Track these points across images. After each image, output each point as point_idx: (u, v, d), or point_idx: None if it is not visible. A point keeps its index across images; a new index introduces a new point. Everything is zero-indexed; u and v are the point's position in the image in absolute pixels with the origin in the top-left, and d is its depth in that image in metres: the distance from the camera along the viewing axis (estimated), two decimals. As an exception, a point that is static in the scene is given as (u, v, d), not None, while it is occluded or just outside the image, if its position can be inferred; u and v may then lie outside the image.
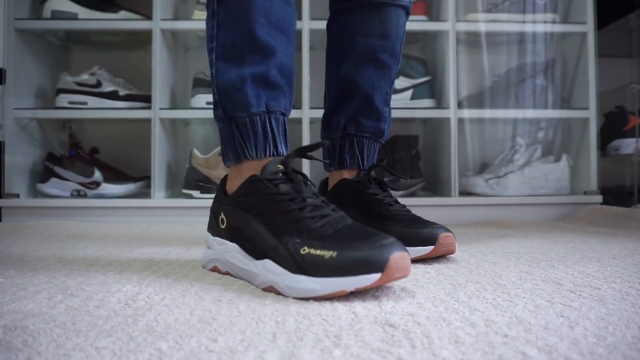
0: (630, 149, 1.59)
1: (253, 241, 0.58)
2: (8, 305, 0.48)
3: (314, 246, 0.51)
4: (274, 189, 0.58)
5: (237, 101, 0.63)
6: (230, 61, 0.63)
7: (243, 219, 0.59)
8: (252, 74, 0.63)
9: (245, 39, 0.62)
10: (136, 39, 1.58)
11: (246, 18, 0.62)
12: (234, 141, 0.63)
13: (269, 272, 0.54)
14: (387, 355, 0.35)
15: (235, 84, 0.63)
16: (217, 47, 0.64)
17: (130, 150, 1.63)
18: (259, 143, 0.63)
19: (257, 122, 0.63)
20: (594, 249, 0.86)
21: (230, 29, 0.63)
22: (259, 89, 0.63)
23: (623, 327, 0.41)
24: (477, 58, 1.59)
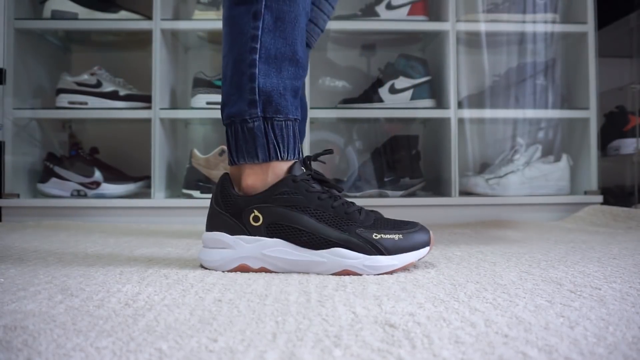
0: (630, 149, 1.59)
1: (310, 234, 0.64)
2: (8, 305, 0.48)
3: (382, 232, 0.65)
4: (315, 187, 0.66)
5: (280, 105, 0.68)
6: (272, 66, 0.68)
7: (289, 215, 0.65)
8: (292, 86, 0.69)
9: (289, 51, 0.68)
10: (136, 39, 1.58)
11: (292, 32, 0.68)
12: (267, 140, 0.67)
13: (344, 258, 0.64)
14: (387, 355, 0.35)
15: (278, 89, 0.68)
16: (262, 49, 0.67)
17: (130, 150, 1.63)
18: (291, 146, 0.68)
19: (291, 126, 0.69)
20: (594, 249, 0.86)
21: (277, 38, 0.67)
22: (294, 98, 0.70)
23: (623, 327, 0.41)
24: (477, 58, 1.59)
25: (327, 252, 0.64)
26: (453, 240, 1.00)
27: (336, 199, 0.67)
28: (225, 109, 0.70)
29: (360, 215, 0.66)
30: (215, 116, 1.48)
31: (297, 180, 0.66)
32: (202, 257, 0.69)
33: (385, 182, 1.50)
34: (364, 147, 1.64)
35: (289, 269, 0.65)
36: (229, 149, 0.70)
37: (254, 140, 0.67)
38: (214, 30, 1.52)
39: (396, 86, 1.50)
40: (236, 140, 0.69)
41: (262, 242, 0.65)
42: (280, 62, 0.68)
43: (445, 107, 1.46)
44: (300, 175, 0.66)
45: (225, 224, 0.67)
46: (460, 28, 1.46)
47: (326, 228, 0.64)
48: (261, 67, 0.67)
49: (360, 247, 0.64)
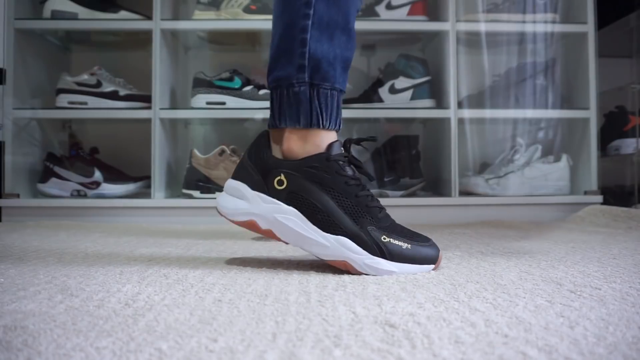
0: (630, 149, 1.59)
1: (325, 214, 0.64)
2: (8, 305, 0.48)
3: (392, 237, 0.64)
4: (346, 171, 0.66)
5: (328, 74, 0.67)
6: (324, 34, 0.67)
7: (312, 190, 0.65)
8: (342, 56, 0.68)
9: (342, 19, 0.67)
10: (136, 39, 1.58)
11: (346, 1, 0.67)
12: (310, 107, 0.67)
13: (347, 249, 0.63)
14: (387, 355, 0.35)
15: (329, 58, 0.67)
16: (315, 15, 0.66)
17: (130, 150, 1.63)
18: (333, 116, 0.68)
19: (336, 96, 0.68)
20: (594, 249, 0.86)
21: (330, 5, 0.67)
22: (343, 69, 0.69)
23: (623, 327, 0.41)
24: (477, 58, 1.59)
25: (334, 238, 0.64)
26: (453, 240, 1.00)
27: (363, 188, 0.66)
28: (272, 73, 0.70)
29: (380, 213, 0.65)
30: (215, 116, 1.48)
31: (331, 160, 0.65)
32: (219, 201, 0.69)
33: (385, 182, 1.50)
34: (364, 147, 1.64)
35: (293, 241, 0.66)
36: (272, 111, 0.70)
37: (298, 105, 0.67)
38: (214, 30, 1.52)
39: (396, 86, 1.50)
40: (280, 103, 0.68)
41: (278, 206, 0.66)
42: (333, 30, 0.67)
43: (445, 107, 1.46)
44: (335, 155, 0.66)
45: (250, 178, 0.68)
46: (460, 28, 1.46)
47: (342, 215, 0.64)
48: (313, 33, 0.66)
49: (367, 244, 0.63)
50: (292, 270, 0.66)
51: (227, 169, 1.41)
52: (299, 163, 0.66)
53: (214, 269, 0.67)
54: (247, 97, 1.45)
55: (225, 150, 1.43)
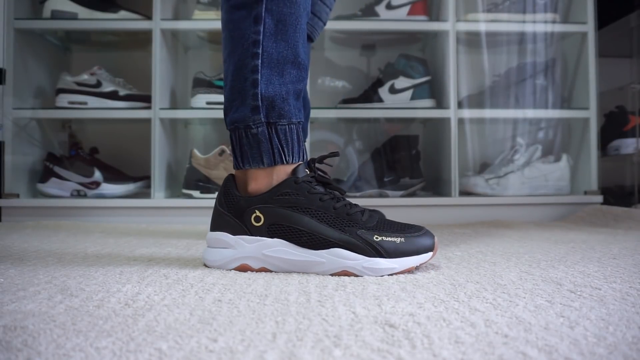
0: (630, 149, 1.59)
1: (310, 234, 0.65)
2: (8, 305, 0.48)
3: (383, 234, 0.64)
4: (317, 189, 0.66)
5: (283, 110, 0.68)
6: (274, 71, 0.67)
7: (290, 216, 0.65)
8: (294, 89, 0.69)
9: (291, 54, 0.68)
10: (136, 39, 1.58)
11: (294, 35, 0.68)
12: (271, 145, 0.68)
13: (343, 258, 0.64)
14: (387, 355, 0.35)
15: (281, 94, 0.68)
16: (264, 54, 0.67)
17: (130, 150, 1.63)
18: (295, 149, 0.69)
19: (294, 130, 0.69)
20: (594, 249, 0.86)
21: (278, 41, 0.67)
22: (297, 101, 0.70)
23: (623, 327, 0.41)
24: (477, 58, 1.59)
25: (326, 252, 0.64)
26: (453, 240, 1.00)
27: (338, 200, 0.67)
28: (228, 114, 0.70)
29: (363, 216, 0.66)
30: (215, 116, 1.48)
31: (299, 182, 0.66)
32: (205, 256, 0.70)
33: (385, 182, 1.50)
34: (364, 147, 1.64)
35: (289, 269, 0.66)
36: (234, 153, 0.70)
37: (259, 146, 0.68)
38: (213, 30, 1.52)
39: (396, 86, 1.50)
40: (240, 145, 0.69)
41: (262, 242, 0.66)
42: (283, 65, 0.67)
43: (445, 107, 1.46)
44: (302, 177, 0.67)
45: (228, 224, 0.68)
46: (460, 28, 1.46)
47: (327, 229, 0.64)
48: (264, 73, 0.67)
49: (361, 248, 0.63)
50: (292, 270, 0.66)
51: (227, 169, 1.41)
52: (269, 194, 0.66)
53: (214, 269, 0.67)
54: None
55: (225, 150, 1.43)
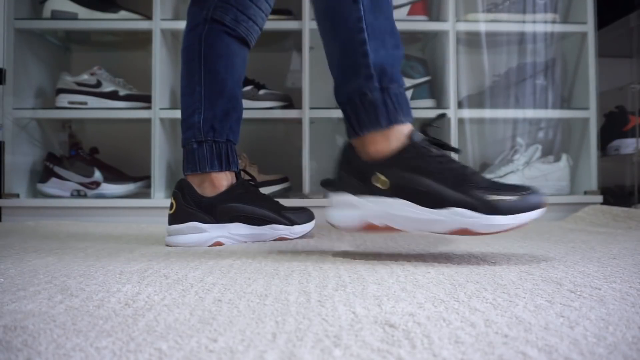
0: (630, 149, 1.59)
1: (431, 194, 0.68)
2: (8, 305, 0.48)
3: (498, 194, 0.67)
4: (434, 151, 0.71)
5: (393, 75, 0.74)
6: (378, 41, 0.74)
7: (411, 178, 0.69)
8: (398, 56, 0.75)
9: (388, 24, 0.75)
10: (136, 39, 1.58)
11: (387, 7, 0.75)
12: (386, 108, 0.73)
13: (463, 216, 0.67)
14: (387, 355, 0.35)
15: (389, 61, 0.74)
16: (368, 27, 0.73)
17: (130, 150, 1.63)
18: (406, 110, 0.75)
19: (403, 93, 0.75)
20: (594, 249, 0.86)
21: (377, 14, 0.74)
22: (399, 68, 0.76)
23: (623, 327, 0.41)
24: (477, 58, 1.59)
25: (447, 211, 0.68)
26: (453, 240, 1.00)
27: (453, 161, 0.71)
28: (340, 89, 0.77)
29: (476, 177, 0.70)
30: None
31: (418, 146, 0.71)
32: (331, 216, 0.75)
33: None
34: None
35: (412, 227, 0.71)
36: (351, 124, 0.76)
37: (375, 110, 0.73)
38: (214, 30, 1.51)
39: (396, 86, 1.49)
40: (357, 114, 0.74)
41: (386, 202, 0.71)
42: (383, 35, 0.74)
43: (445, 107, 1.46)
44: (420, 141, 0.71)
45: (351, 186, 0.74)
46: (460, 28, 1.46)
47: (446, 189, 0.68)
48: (371, 44, 0.73)
49: (478, 207, 0.67)
50: (292, 270, 0.66)
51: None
52: (392, 158, 0.71)
53: (214, 269, 0.67)
54: (247, 97, 1.45)
55: (225, 150, 1.43)
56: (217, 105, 0.94)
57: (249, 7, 0.96)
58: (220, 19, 0.93)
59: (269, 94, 1.50)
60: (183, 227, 0.92)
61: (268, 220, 0.96)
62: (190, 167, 0.94)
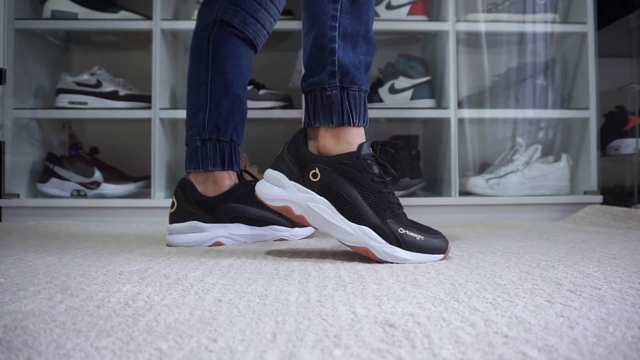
0: (630, 149, 1.59)
1: (352, 206, 0.72)
2: (8, 305, 0.48)
3: (407, 229, 0.72)
4: (373, 169, 0.73)
5: (355, 77, 0.76)
6: (349, 43, 0.76)
7: (342, 184, 0.73)
8: (365, 61, 0.77)
9: (363, 29, 0.76)
10: (136, 39, 1.58)
11: (366, 13, 0.77)
12: (342, 107, 0.75)
13: (369, 238, 0.71)
14: (387, 355, 0.35)
15: (354, 63, 0.76)
16: (340, 27, 0.76)
17: (130, 150, 1.63)
18: (362, 114, 0.77)
19: (363, 97, 0.77)
20: (594, 249, 0.86)
21: (352, 18, 0.76)
22: (366, 72, 0.78)
23: (623, 327, 0.41)
24: (477, 58, 1.59)
25: (358, 227, 0.72)
26: (453, 240, 1.00)
27: (386, 186, 0.74)
28: (306, 79, 0.79)
29: (398, 210, 0.74)
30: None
31: (360, 158, 0.73)
32: (259, 187, 0.78)
33: (385, 182, 1.50)
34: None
35: (321, 227, 0.74)
36: (307, 112, 0.78)
37: (331, 107, 0.76)
38: (214, 30, 1.51)
39: (396, 86, 1.50)
40: (315, 105, 0.77)
41: (311, 195, 0.74)
42: (356, 39, 0.76)
43: (445, 107, 1.46)
44: (365, 155, 0.74)
45: (288, 169, 0.76)
46: (460, 28, 1.46)
47: (367, 207, 0.72)
48: (340, 44, 0.75)
49: (386, 235, 0.71)
50: (292, 270, 0.66)
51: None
52: (333, 159, 0.74)
53: (214, 269, 0.67)
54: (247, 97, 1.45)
55: (225, 150, 1.43)
56: (222, 105, 0.95)
57: (258, 10, 0.98)
58: (229, 21, 0.95)
59: (269, 94, 1.50)
60: (183, 226, 0.92)
61: (269, 222, 0.96)
62: (193, 164, 0.95)
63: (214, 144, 0.95)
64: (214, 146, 0.95)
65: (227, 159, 0.95)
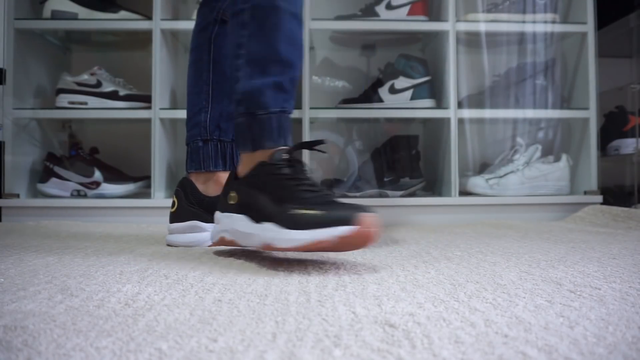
0: (630, 149, 1.59)
1: (258, 209, 0.70)
2: (8, 305, 0.48)
3: (306, 208, 0.64)
4: (278, 170, 0.70)
5: (259, 101, 0.74)
6: (254, 69, 0.75)
7: (253, 194, 0.71)
8: (273, 82, 0.75)
9: (271, 53, 0.75)
10: (136, 39, 1.58)
11: (273, 36, 0.74)
12: (251, 133, 0.75)
13: (267, 231, 0.66)
14: (387, 355, 0.35)
15: (257, 88, 0.75)
16: (245, 55, 0.76)
17: (130, 150, 1.63)
18: (274, 136, 0.75)
19: (273, 119, 0.75)
20: (594, 249, 0.86)
21: (258, 43, 0.75)
22: (277, 93, 0.75)
23: (623, 327, 0.41)
24: (477, 58, 1.59)
25: (260, 225, 0.68)
26: (453, 240, 1.00)
27: (295, 180, 0.69)
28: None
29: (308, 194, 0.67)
30: (215, 116, 1.48)
31: (266, 165, 0.72)
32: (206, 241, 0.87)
33: (385, 182, 1.50)
34: (364, 147, 1.64)
35: (242, 241, 0.72)
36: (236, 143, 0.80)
37: (243, 134, 0.76)
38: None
39: (396, 86, 1.50)
40: (235, 133, 0.79)
41: (232, 217, 0.73)
42: (264, 63, 0.75)
43: (445, 107, 1.46)
44: (272, 160, 0.71)
45: (221, 203, 0.78)
46: (460, 28, 1.46)
47: (271, 205, 0.68)
48: (245, 71, 0.76)
49: (282, 222, 0.65)
50: (292, 270, 0.66)
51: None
52: (245, 177, 0.74)
53: (214, 269, 0.67)
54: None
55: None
56: (223, 105, 0.95)
57: None
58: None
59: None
60: (184, 225, 0.92)
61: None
62: (195, 165, 0.95)
63: (215, 144, 0.95)
64: (216, 146, 0.95)
65: (229, 159, 0.96)
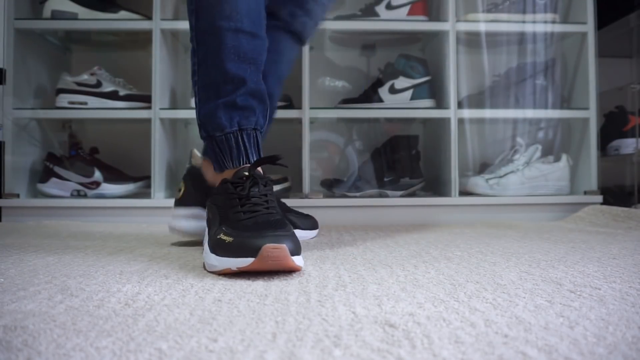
0: (630, 149, 1.59)
1: (209, 228, 0.72)
2: (8, 305, 0.48)
3: (225, 233, 0.64)
4: (231, 189, 0.70)
5: (214, 124, 0.77)
6: (208, 92, 0.77)
7: (214, 212, 0.72)
8: (224, 102, 0.76)
9: (219, 74, 0.76)
10: (136, 39, 1.58)
11: (219, 57, 0.75)
12: (215, 155, 0.78)
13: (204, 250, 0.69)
14: (387, 355, 0.35)
15: (212, 111, 0.77)
16: (199, 81, 0.79)
17: (130, 150, 1.63)
18: (233, 155, 0.76)
19: (231, 139, 0.76)
20: (594, 249, 0.86)
21: (207, 67, 0.77)
22: (231, 112, 0.76)
23: (623, 327, 0.41)
24: (477, 58, 1.59)
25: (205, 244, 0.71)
26: (453, 240, 1.00)
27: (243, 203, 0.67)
28: None
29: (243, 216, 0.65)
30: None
31: (224, 183, 0.72)
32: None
33: (385, 182, 1.50)
34: (364, 147, 1.64)
35: None
36: None
37: (212, 156, 0.79)
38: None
39: (396, 86, 1.50)
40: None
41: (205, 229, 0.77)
42: (215, 86, 0.77)
43: (445, 107, 1.46)
44: (230, 179, 0.72)
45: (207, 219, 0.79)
46: (460, 28, 1.46)
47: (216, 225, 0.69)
48: (200, 96, 0.79)
49: (210, 243, 0.67)
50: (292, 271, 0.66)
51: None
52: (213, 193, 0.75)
53: (214, 269, 0.67)
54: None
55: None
56: None
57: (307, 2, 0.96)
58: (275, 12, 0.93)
59: (269, 94, 1.50)
60: (188, 212, 0.91)
61: None
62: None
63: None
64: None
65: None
